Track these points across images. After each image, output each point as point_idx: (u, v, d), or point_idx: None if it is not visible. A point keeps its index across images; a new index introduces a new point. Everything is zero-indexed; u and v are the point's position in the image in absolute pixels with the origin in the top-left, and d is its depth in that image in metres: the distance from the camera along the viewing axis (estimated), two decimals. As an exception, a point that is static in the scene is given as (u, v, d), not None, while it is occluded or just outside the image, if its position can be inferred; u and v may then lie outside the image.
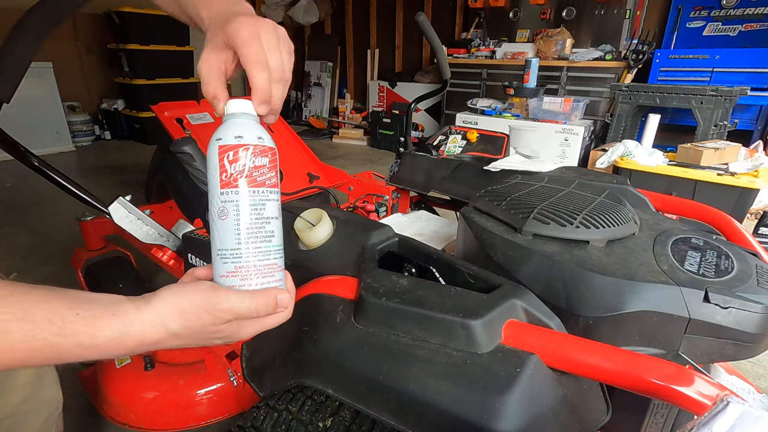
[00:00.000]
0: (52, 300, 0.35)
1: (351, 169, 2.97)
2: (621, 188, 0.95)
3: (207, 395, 1.12)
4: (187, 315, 0.39)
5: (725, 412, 0.33)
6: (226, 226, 0.42)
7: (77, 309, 0.35)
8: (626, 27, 3.88)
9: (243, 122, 0.43)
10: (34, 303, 0.34)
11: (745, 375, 0.92)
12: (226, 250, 0.42)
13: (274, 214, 0.44)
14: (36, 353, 0.34)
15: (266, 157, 0.43)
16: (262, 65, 0.43)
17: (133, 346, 0.38)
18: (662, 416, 0.65)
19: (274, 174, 0.44)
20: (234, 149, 0.41)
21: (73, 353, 0.35)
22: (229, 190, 0.42)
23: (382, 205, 1.49)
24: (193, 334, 0.40)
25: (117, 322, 0.37)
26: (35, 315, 0.34)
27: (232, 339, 0.43)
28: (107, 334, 0.36)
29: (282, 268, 0.45)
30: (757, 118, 3.42)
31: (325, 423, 0.62)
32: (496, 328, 0.52)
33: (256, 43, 0.43)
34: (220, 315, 0.40)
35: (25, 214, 2.91)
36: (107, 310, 0.37)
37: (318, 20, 5.92)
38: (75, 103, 5.01)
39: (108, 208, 1.01)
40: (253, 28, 0.43)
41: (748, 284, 0.58)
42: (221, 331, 0.41)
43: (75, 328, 0.35)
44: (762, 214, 2.24)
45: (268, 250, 0.43)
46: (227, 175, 0.42)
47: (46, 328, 0.34)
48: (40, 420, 0.80)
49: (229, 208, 0.42)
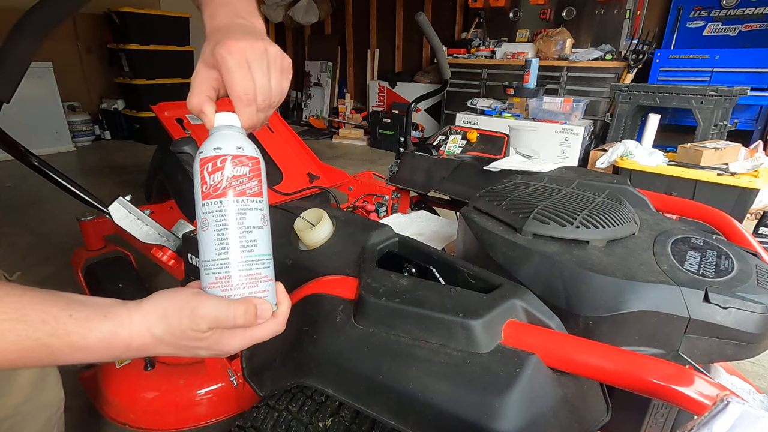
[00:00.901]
0: (46, 302, 0.35)
1: (351, 169, 2.96)
2: (621, 188, 0.95)
3: (207, 395, 1.12)
4: (169, 319, 0.39)
5: (725, 412, 0.33)
6: (206, 237, 0.42)
7: (70, 310, 0.36)
8: (626, 27, 3.88)
9: (224, 134, 0.43)
10: (29, 304, 0.34)
11: (745, 375, 0.92)
12: (208, 260, 0.42)
13: (256, 223, 0.43)
14: (29, 353, 0.34)
15: (246, 167, 0.42)
16: (248, 100, 0.44)
17: (121, 350, 0.38)
18: (662, 416, 0.65)
19: (257, 183, 0.43)
20: (212, 160, 0.42)
21: (66, 354, 0.36)
22: (208, 201, 0.42)
23: (382, 205, 1.49)
24: (175, 340, 0.39)
25: (108, 324, 0.37)
26: (29, 315, 0.34)
27: (217, 350, 0.42)
28: (98, 336, 0.36)
29: (268, 278, 0.44)
30: (757, 118, 3.42)
31: (325, 423, 0.62)
32: (496, 328, 0.52)
33: (242, 73, 0.43)
34: (198, 321, 0.39)
35: (25, 214, 2.91)
36: (99, 312, 0.37)
37: (318, 20, 5.91)
38: (75, 103, 5.02)
39: (108, 208, 1.01)
40: (239, 55, 0.43)
41: (748, 284, 0.58)
42: (202, 340, 0.40)
43: (67, 329, 0.35)
44: (762, 214, 2.24)
45: (249, 260, 0.42)
46: (207, 187, 0.42)
47: (39, 329, 0.34)
48: (41, 421, 0.80)
49: (209, 218, 0.42)
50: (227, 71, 0.43)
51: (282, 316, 0.45)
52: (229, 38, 0.44)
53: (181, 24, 5.05)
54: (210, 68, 0.45)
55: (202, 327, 0.39)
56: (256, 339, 0.43)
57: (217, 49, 0.43)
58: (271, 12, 6.05)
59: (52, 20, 0.83)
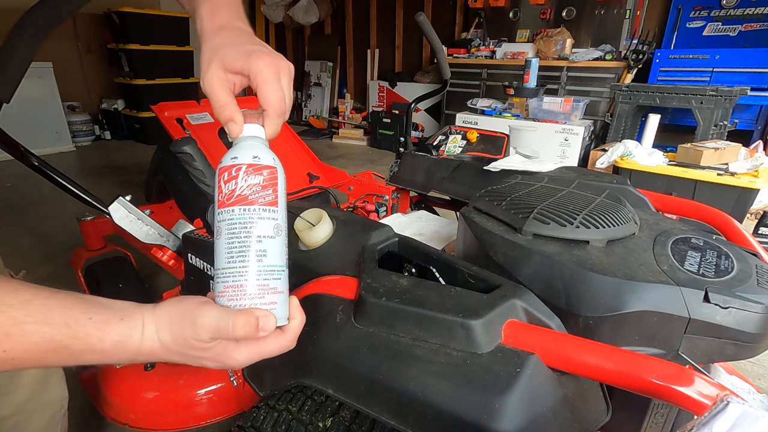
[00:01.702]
0: (70, 305, 0.37)
1: (351, 169, 2.96)
2: (621, 188, 0.95)
3: (207, 395, 1.12)
4: (174, 326, 0.39)
5: (725, 412, 0.33)
6: (219, 246, 0.42)
7: (91, 313, 0.37)
8: (626, 27, 3.88)
9: (245, 144, 0.44)
10: (55, 307, 0.36)
11: (745, 375, 0.92)
12: (219, 269, 0.42)
13: (267, 232, 0.42)
14: (52, 354, 0.35)
15: (260, 176, 0.42)
16: (281, 111, 0.46)
17: (133, 353, 0.39)
18: (662, 416, 0.65)
19: (271, 192, 0.43)
20: (228, 170, 0.42)
21: (85, 356, 0.37)
22: (222, 210, 0.42)
23: (382, 205, 1.49)
24: (180, 348, 0.39)
25: (123, 327, 0.38)
26: (53, 318, 0.35)
27: (221, 363, 0.41)
28: (114, 338, 0.37)
29: (278, 290, 0.42)
30: (757, 118, 3.42)
31: (325, 423, 0.62)
32: (496, 328, 0.52)
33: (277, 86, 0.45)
34: (200, 331, 0.38)
35: (25, 214, 2.91)
36: (117, 315, 0.38)
37: (318, 20, 5.91)
38: (75, 103, 5.01)
39: (108, 208, 1.01)
40: (274, 69, 0.45)
41: (748, 284, 0.58)
42: (206, 350, 0.40)
43: (87, 331, 0.36)
44: (762, 214, 2.24)
45: (258, 270, 0.41)
46: (222, 196, 0.42)
47: (62, 331, 0.35)
48: (45, 419, 0.80)
49: (222, 227, 0.42)
50: (263, 82, 0.45)
51: (292, 332, 0.44)
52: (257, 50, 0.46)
53: (181, 24, 5.04)
54: (227, 72, 0.45)
55: (203, 337, 0.39)
56: (263, 354, 0.42)
57: (254, 61, 0.45)
58: (271, 12, 6.05)
59: (52, 20, 0.83)
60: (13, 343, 0.34)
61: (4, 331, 0.34)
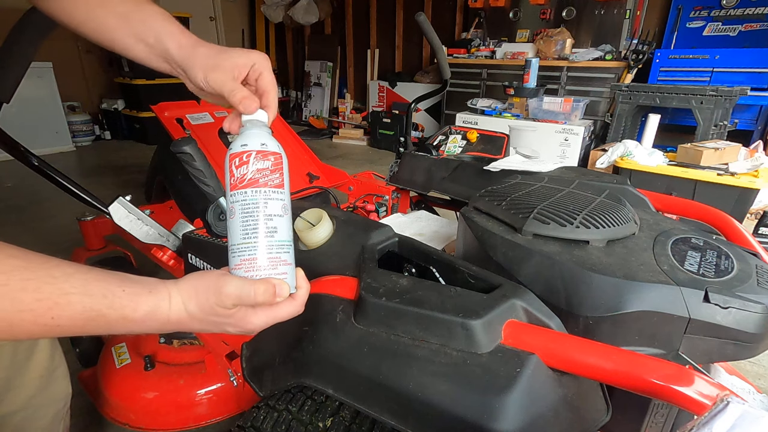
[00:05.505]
0: (106, 279, 0.41)
1: (351, 169, 2.96)
2: (621, 188, 0.95)
3: (207, 395, 1.12)
4: (200, 296, 0.44)
5: (725, 412, 0.33)
6: (233, 224, 0.47)
7: (124, 286, 0.41)
8: (626, 27, 3.88)
9: (251, 133, 0.49)
10: (93, 281, 0.40)
11: (745, 375, 0.92)
12: (234, 245, 0.47)
13: (276, 211, 0.47)
14: (91, 322, 0.39)
15: (268, 161, 0.47)
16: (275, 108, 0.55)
17: (162, 322, 0.43)
18: (662, 416, 0.65)
19: (278, 175, 0.48)
20: (239, 155, 0.47)
21: (120, 324, 0.41)
22: (235, 191, 0.47)
23: (382, 205, 1.49)
24: (205, 316, 0.44)
25: (153, 298, 0.42)
26: (93, 290, 0.39)
27: (242, 327, 0.46)
28: (145, 309, 0.42)
29: (288, 263, 0.48)
30: (757, 118, 3.41)
31: (325, 423, 0.62)
32: (496, 328, 0.52)
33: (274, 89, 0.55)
34: (224, 299, 0.43)
35: (25, 214, 2.91)
36: (146, 288, 0.43)
37: (318, 20, 5.91)
38: (75, 103, 5.01)
39: (108, 208, 1.01)
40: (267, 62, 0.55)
41: (748, 284, 0.58)
42: (229, 316, 0.45)
43: (122, 303, 0.40)
44: (762, 214, 2.24)
45: (270, 244, 0.46)
46: (234, 179, 0.47)
47: (100, 302, 0.39)
48: (50, 415, 0.81)
49: (236, 207, 0.47)
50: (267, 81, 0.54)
51: (301, 298, 0.49)
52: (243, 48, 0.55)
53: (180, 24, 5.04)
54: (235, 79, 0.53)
55: (227, 304, 0.44)
56: (278, 318, 0.47)
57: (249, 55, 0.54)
58: (271, 12, 6.05)
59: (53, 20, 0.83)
60: (60, 312, 0.38)
61: (54, 301, 0.37)
